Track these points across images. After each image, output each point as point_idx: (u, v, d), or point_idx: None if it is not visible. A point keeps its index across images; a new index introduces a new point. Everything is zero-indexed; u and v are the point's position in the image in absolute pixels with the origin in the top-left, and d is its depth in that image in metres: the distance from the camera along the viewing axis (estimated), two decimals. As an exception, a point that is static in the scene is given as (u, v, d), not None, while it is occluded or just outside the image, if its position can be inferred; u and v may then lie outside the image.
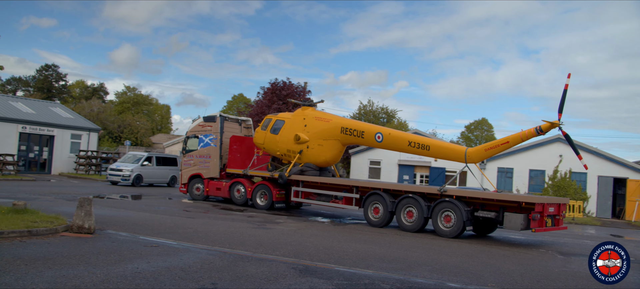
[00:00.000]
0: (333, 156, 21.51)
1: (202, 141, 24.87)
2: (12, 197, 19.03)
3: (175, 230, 14.08)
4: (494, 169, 37.79)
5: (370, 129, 20.66)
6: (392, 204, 18.28)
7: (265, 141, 22.61)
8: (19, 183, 27.61)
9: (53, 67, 74.98)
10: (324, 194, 20.73)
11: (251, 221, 17.58)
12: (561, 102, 16.40)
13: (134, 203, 21.05)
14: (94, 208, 12.57)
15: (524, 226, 15.95)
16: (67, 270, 8.35)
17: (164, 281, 8.17)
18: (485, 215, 16.75)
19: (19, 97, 49.04)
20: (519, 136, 17.51)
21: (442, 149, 19.39)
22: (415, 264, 11.65)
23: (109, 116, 62.86)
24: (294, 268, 10.06)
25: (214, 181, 24.28)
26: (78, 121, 42.55)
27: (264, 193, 22.43)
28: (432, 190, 17.73)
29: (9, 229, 10.93)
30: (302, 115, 22.09)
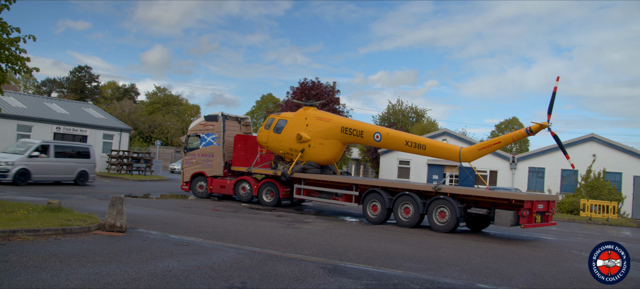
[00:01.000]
0: (334, 155, 22.20)
1: (204, 140, 25.29)
2: (47, 196, 19.45)
3: (205, 229, 14.20)
4: (524, 169, 37.21)
5: (369, 129, 21.42)
6: (389, 202, 18.85)
7: (269, 139, 23.29)
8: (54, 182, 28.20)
9: (86, 69, 76.49)
10: (325, 191, 21.46)
11: (280, 221, 17.63)
12: (550, 104, 17.19)
13: (164, 202, 21.30)
14: (125, 207, 12.74)
15: (513, 222, 16.53)
16: (100, 268, 8.48)
17: (194, 279, 8.23)
18: (478, 212, 17.47)
19: (53, 98, 50.14)
20: (511, 136, 18.52)
21: (438, 148, 20.20)
22: (444, 264, 11.52)
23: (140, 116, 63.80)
24: (322, 267, 10.04)
25: (217, 179, 24.75)
26: (110, 121, 43.26)
27: (270, 190, 23.04)
28: (427, 188, 18.40)
29: (45, 227, 11.16)
30: (304, 115, 22.75)
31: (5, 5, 14.51)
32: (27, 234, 10.65)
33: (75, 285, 7.33)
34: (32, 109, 37.72)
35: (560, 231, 22.32)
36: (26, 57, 14.57)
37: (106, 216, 12.42)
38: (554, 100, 17.17)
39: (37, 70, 15.07)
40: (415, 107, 64.40)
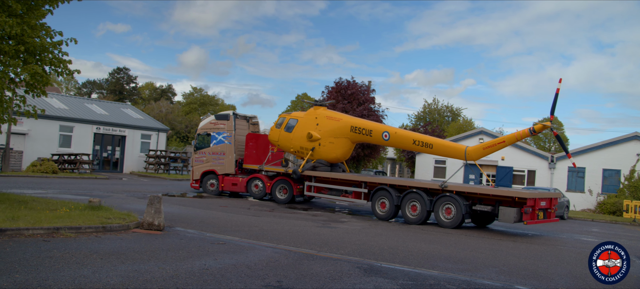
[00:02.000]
0: (343, 153, 22.79)
1: (215, 139, 25.63)
2: (88, 194, 19.91)
3: (241, 228, 14.31)
4: (564, 169, 36.38)
5: (378, 128, 21.97)
6: (397, 199, 19.38)
7: (280, 138, 23.79)
8: (93, 181, 28.85)
9: (124, 70, 78.07)
10: (335, 188, 22.06)
11: (315, 220, 17.65)
12: (553, 105, 17.64)
13: (201, 201, 21.56)
14: (163, 206, 12.93)
15: (516, 219, 17.09)
16: (139, 265, 8.62)
17: (231, 278, 8.29)
18: (482, 209, 18.02)
19: (93, 99, 51.33)
20: (515, 136, 19.17)
21: (444, 147, 20.70)
22: (481, 265, 11.35)
23: (177, 116, 64.77)
24: (358, 267, 10.00)
25: (229, 176, 25.16)
26: (147, 121, 44.05)
27: (284, 188, 23.65)
28: (434, 185, 18.95)
29: (86, 224, 11.43)
30: (314, 114, 23.30)
31: (49, 11, 14.93)
32: (70, 231, 10.92)
33: (115, 282, 7.47)
34: (74, 110, 38.71)
35: (602, 232, 21.77)
36: (68, 60, 14.96)
37: (144, 215, 12.63)
38: (557, 101, 17.57)
39: (78, 72, 15.46)
40: (451, 106, 63.74)
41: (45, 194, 18.37)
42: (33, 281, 7.12)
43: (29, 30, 13.68)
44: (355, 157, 37.24)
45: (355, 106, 37.22)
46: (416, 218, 18.79)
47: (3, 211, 12.01)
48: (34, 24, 14.03)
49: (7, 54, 13.33)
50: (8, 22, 12.81)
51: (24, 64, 13.90)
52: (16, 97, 15.30)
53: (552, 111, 17.71)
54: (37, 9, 14.49)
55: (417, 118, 62.52)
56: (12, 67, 13.70)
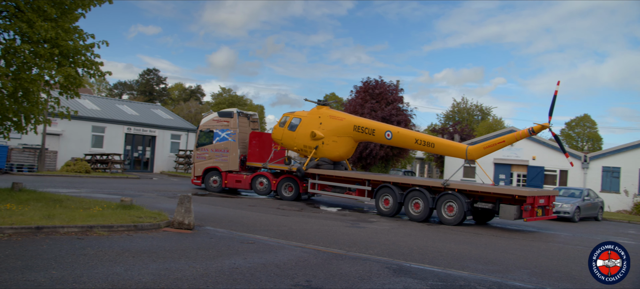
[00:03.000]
0: (346, 152, 23.25)
1: (218, 136, 25.87)
2: (120, 194, 20.24)
3: (270, 227, 14.38)
4: (598, 169, 35.61)
5: (381, 127, 22.29)
6: (400, 196, 19.82)
7: (283, 137, 24.38)
8: (125, 181, 29.32)
9: (154, 72, 79.12)
10: (338, 186, 22.43)
11: (344, 220, 17.64)
12: (551, 106, 18.24)
13: (230, 201, 21.72)
14: (193, 205, 13.07)
15: (516, 216, 17.56)
16: (170, 263, 8.73)
17: (260, 277, 8.34)
18: (484, 206, 18.59)
19: (124, 100, 52.19)
20: (514, 136, 19.55)
21: (445, 146, 21.29)
22: (512, 266, 11.19)
23: (206, 116, 65.27)
24: (387, 267, 9.96)
25: (232, 173, 25.40)
26: (177, 121, 44.58)
27: (289, 185, 24.08)
28: (436, 184, 19.41)
29: (118, 223, 11.62)
30: (317, 113, 23.82)
31: (82, 14, 15.25)
32: (103, 229, 11.12)
33: (146, 279, 7.58)
34: (106, 111, 39.41)
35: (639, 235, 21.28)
36: (100, 62, 15.25)
37: (175, 214, 12.78)
38: (555, 102, 18.07)
39: (110, 74, 15.75)
40: (481, 105, 63.02)
41: (78, 193, 18.74)
42: (68, 278, 7.27)
43: (63, 33, 13.99)
44: (384, 156, 37.14)
45: (384, 106, 37.06)
46: (419, 215, 19.18)
47: (39, 209, 12.30)
48: (67, 27, 14.35)
49: (42, 57, 13.64)
50: (43, 27, 13.12)
51: (58, 67, 14.21)
52: (51, 99, 15.67)
53: (551, 112, 18.28)
54: (71, 12, 14.82)
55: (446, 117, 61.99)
56: (47, 69, 14.02)
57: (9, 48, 13.75)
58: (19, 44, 13.74)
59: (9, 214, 11.23)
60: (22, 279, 7.05)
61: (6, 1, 13.54)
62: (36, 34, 13.24)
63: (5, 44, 13.98)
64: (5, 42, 14.10)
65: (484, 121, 60.01)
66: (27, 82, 13.82)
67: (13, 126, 15.23)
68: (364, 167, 37.32)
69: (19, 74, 13.88)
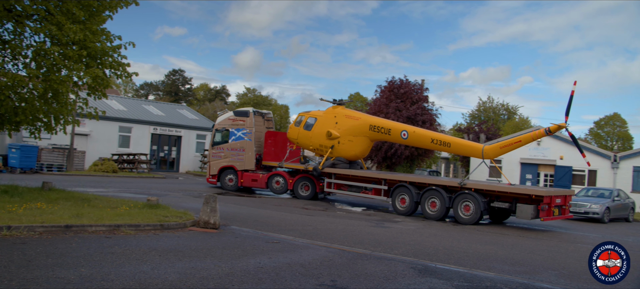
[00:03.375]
0: (362, 151, 23.47)
1: (234, 135, 26.00)
2: (146, 193, 20.48)
3: (294, 227, 14.40)
4: (628, 169, 34.86)
5: (397, 127, 22.46)
6: (417, 195, 19.98)
7: (299, 136, 24.59)
8: (151, 180, 29.66)
9: (179, 72, 79.94)
10: (354, 185, 22.57)
11: (369, 220, 17.59)
12: (568, 106, 18.18)
13: (255, 200, 21.82)
14: (218, 205, 13.15)
15: (533, 215, 17.62)
16: (196, 262, 8.80)
17: (285, 276, 8.35)
18: (500, 205, 18.68)
19: (150, 100, 52.80)
20: (531, 135, 19.60)
21: (461, 145, 21.47)
22: (540, 267, 11.04)
23: (231, 116, 65.70)
24: (413, 267, 9.90)
25: (248, 172, 25.54)
26: (202, 121, 44.94)
27: (306, 184, 24.25)
28: (453, 183, 19.51)
29: (145, 222, 11.76)
30: (333, 113, 24.01)
31: (109, 16, 15.49)
32: (130, 228, 11.26)
33: (173, 278, 7.65)
34: (132, 111, 39.92)
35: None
36: (127, 63, 15.47)
37: (200, 213, 12.89)
38: (572, 103, 18.07)
39: (136, 75, 15.95)
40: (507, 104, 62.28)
41: (106, 193, 19.02)
42: (97, 276, 7.38)
43: (91, 35, 14.22)
44: (409, 156, 36.96)
45: (409, 105, 36.86)
46: (435, 214, 19.36)
47: (69, 208, 12.52)
48: (95, 29, 14.58)
49: (71, 59, 13.88)
50: (72, 29, 13.35)
51: (86, 68, 14.45)
52: (79, 100, 15.93)
53: (567, 112, 18.25)
54: (98, 15, 15.06)
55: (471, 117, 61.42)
56: (75, 71, 14.26)
57: (40, 50, 14.02)
58: (49, 46, 14.00)
59: (40, 212, 11.46)
60: (53, 276, 7.17)
61: (37, 5, 13.80)
62: (65, 36, 13.47)
63: (36, 47, 14.26)
64: (36, 45, 14.39)
65: (510, 120, 59.28)
66: (57, 83, 14.06)
67: (43, 127, 15.52)
68: (389, 167, 37.16)
69: (49, 76, 14.14)
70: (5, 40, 14.88)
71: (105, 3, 15.09)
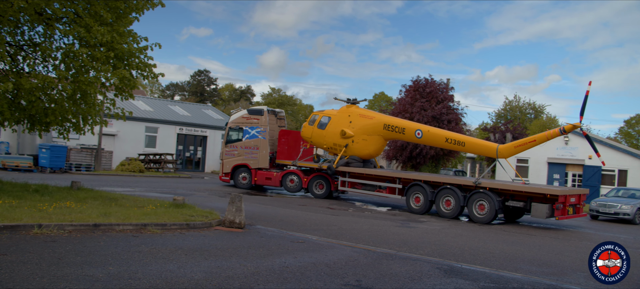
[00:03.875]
0: (376, 150, 23.71)
1: (248, 133, 26.15)
2: (172, 192, 20.69)
3: (319, 227, 14.40)
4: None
5: (411, 126, 22.67)
6: (431, 194, 20.20)
7: (313, 135, 24.79)
8: (177, 180, 29.96)
9: (205, 73, 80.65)
10: (369, 184, 22.83)
11: (394, 220, 17.51)
12: (582, 106, 18.69)
13: (280, 200, 21.89)
14: (244, 204, 13.22)
15: (548, 214, 17.81)
16: (221, 261, 8.85)
17: (310, 276, 8.35)
18: (515, 204, 18.88)
19: (176, 101, 53.30)
20: (545, 135, 19.80)
21: (476, 145, 21.68)
22: (568, 269, 10.85)
23: (255, 117, 66.04)
24: (438, 267, 9.82)
25: (262, 171, 25.75)
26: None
27: (320, 183, 24.56)
28: (468, 182, 19.74)
29: (171, 221, 11.88)
30: (347, 112, 24.23)
31: (136, 18, 15.68)
32: (156, 227, 11.38)
33: (199, 277, 7.71)
34: (158, 111, 40.38)
35: None
36: (153, 64, 15.66)
37: (226, 213, 12.97)
38: (586, 103, 18.44)
39: (162, 76, 16.13)
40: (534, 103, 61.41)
41: (133, 192, 19.27)
42: (124, 274, 7.47)
43: (118, 37, 14.42)
44: (434, 156, 36.73)
45: (434, 105, 36.61)
46: (449, 212, 19.58)
47: (97, 207, 12.71)
48: (122, 31, 14.78)
49: (98, 60, 14.09)
50: (100, 31, 13.56)
51: (114, 69, 14.65)
52: (107, 101, 16.18)
53: (582, 111, 18.72)
54: (125, 17, 15.28)
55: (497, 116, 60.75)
56: (103, 72, 14.47)
57: (69, 52, 14.27)
58: (77, 48, 14.24)
59: (69, 211, 11.66)
60: (82, 274, 7.29)
61: (66, 8, 14.05)
62: (93, 38, 13.68)
63: (65, 49, 14.52)
64: (65, 47, 14.65)
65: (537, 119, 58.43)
66: (85, 84, 14.29)
67: (72, 127, 15.80)
68: (414, 167, 36.97)
69: (77, 77, 14.37)
70: (36, 43, 15.20)
71: (131, 5, 15.30)
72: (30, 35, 15.31)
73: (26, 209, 11.49)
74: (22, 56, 15.45)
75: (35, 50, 15.23)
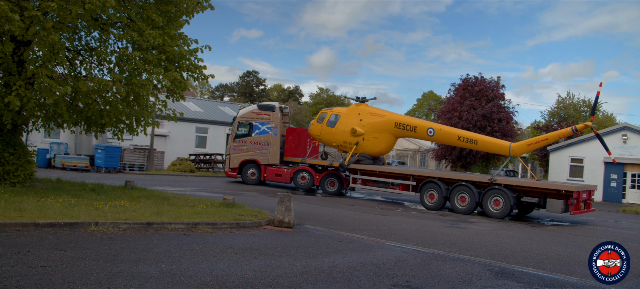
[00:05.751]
0: (387, 147, 24.02)
1: (258, 129, 26.19)
2: (222, 192, 21.02)
3: (368, 227, 14.35)
4: None
5: (423, 125, 23.25)
6: (446, 191, 20.55)
7: (322, 133, 24.84)
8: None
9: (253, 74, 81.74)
10: (381, 181, 23.09)
11: (444, 220, 17.28)
12: (593, 106, 20.15)
13: (328, 200, 21.92)
14: (292, 204, 13.29)
15: (563, 209, 18.30)
16: (271, 261, 8.93)
17: (359, 276, 8.32)
18: (530, 200, 19.25)
19: (225, 102, 54.08)
20: (557, 134, 20.80)
21: (489, 143, 22.02)
22: (629, 274, 10.40)
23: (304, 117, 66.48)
24: (489, 269, 9.62)
25: (272, 167, 25.91)
26: (276, 122, 45.52)
27: (332, 180, 24.77)
28: (483, 179, 20.18)
29: (221, 220, 12.06)
30: (356, 110, 24.44)
31: (186, 21, 16.02)
32: (207, 226, 11.58)
33: (249, 275, 7.79)
34: (208, 112, 41.11)
35: None
36: (203, 66, 15.95)
37: (275, 212, 13.07)
38: (597, 103, 18.65)
39: (212, 77, 16.43)
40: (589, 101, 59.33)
41: (184, 192, 19.67)
42: (176, 271, 7.63)
43: (169, 40, 14.77)
44: (484, 156, 36.12)
45: (484, 103, 35.98)
46: (465, 208, 19.91)
47: (149, 206, 13.04)
48: (173, 34, 15.13)
49: (151, 63, 14.47)
50: (152, 34, 13.91)
51: (165, 72, 15.00)
52: (158, 102, 16.59)
53: (593, 111, 20.06)
54: (176, 20, 15.63)
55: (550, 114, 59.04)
56: (155, 74, 14.84)
57: (123, 56, 14.72)
58: (130, 51, 14.67)
59: (123, 210, 12.01)
60: (136, 271, 7.48)
61: (120, 13, 14.49)
62: (146, 41, 14.05)
63: (119, 52, 14.98)
64: (119, 51, 15.12)
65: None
66: (138, 86, 14.70)
67: (126, 128, 16.26)
68: (464, 167, 36.46)
69: (130, 80, 14.79)
70: (92, 48, 15.73)
71: (182, 8, 15.63)
72: (87, 40, 15.87)
73: (84, 207, 11.90)
74: (80, 60, 16.02)
75: (92, 55, 15.76)
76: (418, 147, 52.80)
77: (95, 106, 15.05)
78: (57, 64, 14.11)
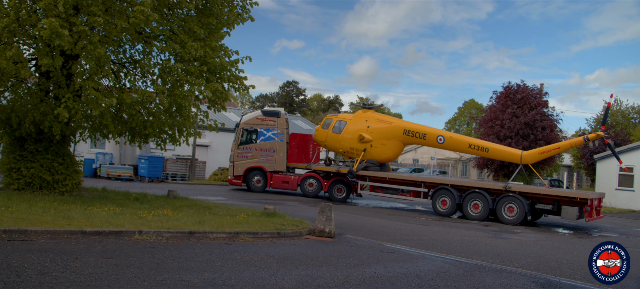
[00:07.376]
0: (394, 154, 24.14)
1: (263, 135, 25.85)
2: (263, 202, 21.13)
3: (410, 237, 14.20)
4: None
5: (432, 132, 23.20)
6: (459, 197, 20.76)
7: (327, 139, 24.88)
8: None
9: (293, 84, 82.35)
10: (391, 187, 23.18)
11: (486, 231, 16.97)
12: (604, 117, 21.43)
13: (369, 210, 21.81)
14: (333, 213, 13.26)
15: (578, 216, 18.54)
16: (312, 270, 8.92)
17: (400, 286, 8.23)
18: (544, 207, 19.57)
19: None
20: (569, 143, 21.76)
21: (500, 151, 22.40)
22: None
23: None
24: (534, 281, 9.38)
25: (278, 174, 25.60)
26: (315, 132, 45.66)
27: (339, 187, 24.69)
28: (497, 186, 20.46)
29: (263, 230, 12.12)
30: (363, 117, 24.45)
31: (227, 33, 16.28)
32: (248, 236, 11.65)
33: (290, 285, 7.80)
34: (249, 123, 41.43)
35: None
36: (244, 77, 16.14)
37: (316, 222, 13.07)
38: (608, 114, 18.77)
39: (253, 88, 16.59)
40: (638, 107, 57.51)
41: (225, 201, 19.88)
42: (218, 280, 7.69)
43: (210, 52, 15.01)
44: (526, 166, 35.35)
45: (527, 111, 35.30)
46: (478, 215, 20.11)
47: (192, 215, 13.22)
48: (214, 45, 15.36)
49: (192, 74, 14.72)
50: (194, 46, 14.17)
51: (207, 83, 15.23)
52: (200, 113, 16.86)
53: (604, 122, 20.85)
54: (217, 32, 15.89)
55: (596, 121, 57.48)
56: (196, 85, 15.08)
57: (165, 67, 15.02)
58: (173, 63, 14.96)
59: (166, 219, 12.21)
60: (179, 279, 7.58)
61: (163, 26, 14.82)
62: (188, 53, 14.31)
63: (162, 64, 15.29)
64: (162, 63, 15.44)
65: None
66: (180, 97, 14.96)
67: (168, 138, 16.56)
68: (507, 175, 35.79)
69: (173, 91, 15.08)
70: (136, 60, 16.12)
71: (223, 21, 15.89)
72: (131, 53, 16.26)
73: (128, 216, 12.16)
74: (124, 73, 16.42)
75: (135, 67, 16.14)
76: (459, 156, 52.12)
77: (139, 116, 15.39)
78: (103, 77, 14.49)
